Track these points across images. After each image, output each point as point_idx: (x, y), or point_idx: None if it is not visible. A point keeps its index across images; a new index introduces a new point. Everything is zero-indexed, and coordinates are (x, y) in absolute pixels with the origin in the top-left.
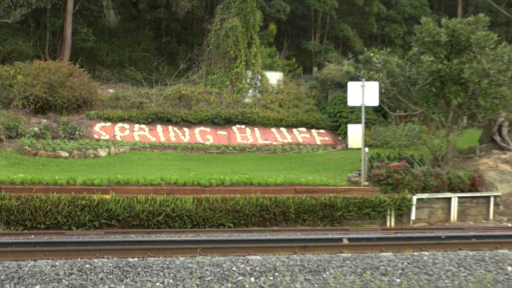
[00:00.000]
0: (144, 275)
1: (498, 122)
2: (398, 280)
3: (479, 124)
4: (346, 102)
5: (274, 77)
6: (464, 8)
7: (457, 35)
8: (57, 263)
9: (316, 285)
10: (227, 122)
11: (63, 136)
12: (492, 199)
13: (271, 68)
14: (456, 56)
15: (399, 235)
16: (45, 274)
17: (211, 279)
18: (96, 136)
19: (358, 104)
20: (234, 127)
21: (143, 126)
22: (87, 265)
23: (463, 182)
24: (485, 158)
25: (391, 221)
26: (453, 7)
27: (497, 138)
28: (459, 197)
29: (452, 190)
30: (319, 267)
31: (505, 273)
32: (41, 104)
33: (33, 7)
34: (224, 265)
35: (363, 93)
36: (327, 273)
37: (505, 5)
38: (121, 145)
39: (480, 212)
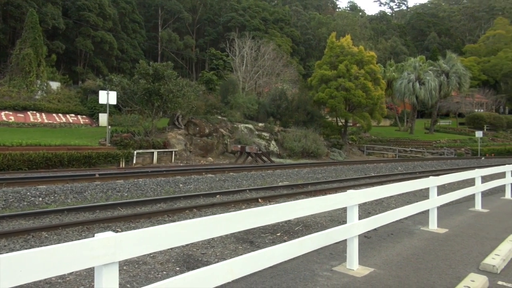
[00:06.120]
0: None
1: (177, 114)
2: (126, 194)
3: (168, 115)
4: (98, 101)
5: (55, 85)
6: (161, 57)
7: (158, 71)
8: None
9: (80, 199)
10: (24, 109)
11: None
12: (173, 152)
13: (53, 79)
14: (157, 81)
15: (127, 171)
16: None
17: (13, 200)
18: None
19: (105, 103)
20: (29, 112)
21: None
22: None
23: (160, 144)
24: (171, 132)
25: (123, 164)
26: (156, 56)
27: (176, 123)
28: (157, 151)
29: (154, 147)
30: (82, 189)
31: (178, 187)
32: None
33: None
34: (22, 192)
35: (108, 97)
36: (86, 192)
37: (181, 58)
38: None
39: (168, 159)
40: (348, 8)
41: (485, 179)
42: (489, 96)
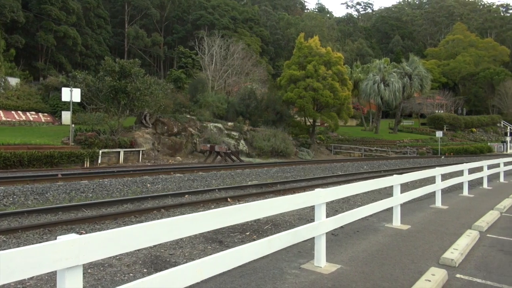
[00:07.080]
0: None
1: (144, 113)
2: (90, 195)
3: (135, 114)
4: (61, 98)
5: (13, 81)
6: (128, 54)
7: (124, 68)
8: None
9: (41, 201)
10: None
11: None
12: (141, 152)
13: (12, 75)
14: (124, 79)
15: (92, 171)
16: None
17: None
18: None
19: (68, 100)
20: None
21: None
22: None
23: (126, 143)
24: (138, 131)
25: (87, 164)
26: (123, 53)
27: (144, 121)
28: (124, 151)
29: (121, 147)
30: (43, 190)
31: (146, 187)
32: None
33: None
34: None
35: (71, 94)
36: (48, 194)
37: (148, 56)
38: None
39: (135, 158)
40: (316, 10)
41: (444, 177)
42: (448, 97)
